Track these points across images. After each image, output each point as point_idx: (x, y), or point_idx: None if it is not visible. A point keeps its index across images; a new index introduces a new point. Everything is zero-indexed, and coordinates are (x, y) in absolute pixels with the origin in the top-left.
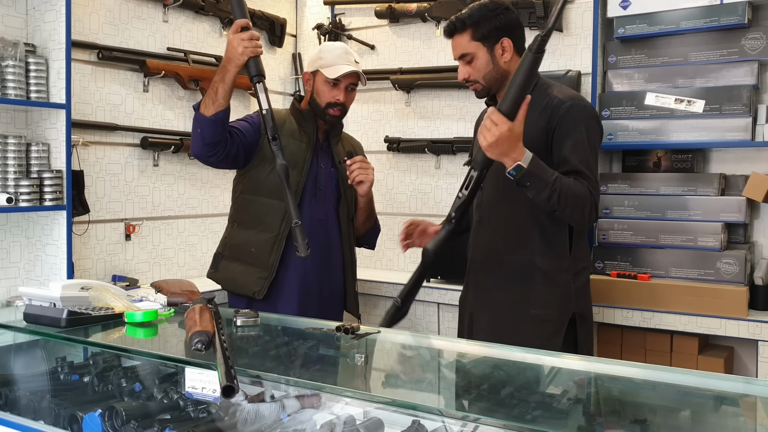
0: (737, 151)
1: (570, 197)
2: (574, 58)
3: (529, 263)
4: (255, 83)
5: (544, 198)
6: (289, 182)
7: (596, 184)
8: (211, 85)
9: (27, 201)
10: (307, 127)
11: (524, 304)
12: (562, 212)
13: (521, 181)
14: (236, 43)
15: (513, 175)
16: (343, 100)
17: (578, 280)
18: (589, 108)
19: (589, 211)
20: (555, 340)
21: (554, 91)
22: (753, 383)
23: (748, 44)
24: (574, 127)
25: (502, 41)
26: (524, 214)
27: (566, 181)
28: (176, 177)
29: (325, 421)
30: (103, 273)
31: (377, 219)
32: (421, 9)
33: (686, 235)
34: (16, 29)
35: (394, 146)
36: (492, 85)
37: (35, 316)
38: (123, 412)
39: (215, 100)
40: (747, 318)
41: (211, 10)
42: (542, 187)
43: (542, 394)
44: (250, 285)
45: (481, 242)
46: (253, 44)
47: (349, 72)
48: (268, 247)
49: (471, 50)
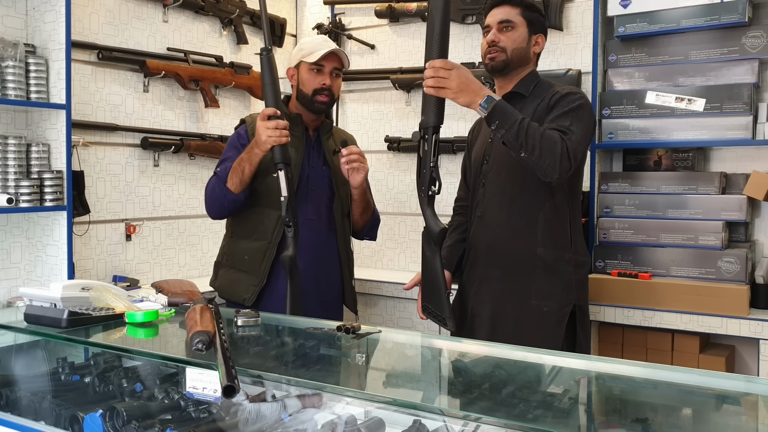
0: (738, 150)
1: (538, 138)
2: (575, 57)
3: (531, 254)
4: (278, 170)
5: (513, 135)
6: (294, 273)
7: (573, 136)
8: (239, 161)
9: (27, 201)
10: (297, 131)
11: (526, 295)
12: (530, 154)
13: (490, 117)
14: (262, 130)
15: (485, 107)
16: (329, 84)
17: (579, 272)
18: (584, 95)
19: (560, 156)
20: (557, 331)
21: (555, 87)
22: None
23: (749, 42)
24: (566, 103)
25: (540, 35)
26: (526, 208)
27: (534, 125)
28: (177, 177)
29: (327, 420)
30: (104, 273)
31: (376, 209)
32: (421, 8)
33: (687, 233)
34: (16, 30)
35: (395, 146)
36: (512, 62)
37: (36, 316)
38: (124, 412)
39: (243, 180)
40: (748, 317)
41: (211, 10)
42: (510, 124)
43: (543, 394)
44: (240, 292)
45: (483, 236)
46: (277, 133)
47: (331, 54)
48: (260, 255)
49: (516, 21)
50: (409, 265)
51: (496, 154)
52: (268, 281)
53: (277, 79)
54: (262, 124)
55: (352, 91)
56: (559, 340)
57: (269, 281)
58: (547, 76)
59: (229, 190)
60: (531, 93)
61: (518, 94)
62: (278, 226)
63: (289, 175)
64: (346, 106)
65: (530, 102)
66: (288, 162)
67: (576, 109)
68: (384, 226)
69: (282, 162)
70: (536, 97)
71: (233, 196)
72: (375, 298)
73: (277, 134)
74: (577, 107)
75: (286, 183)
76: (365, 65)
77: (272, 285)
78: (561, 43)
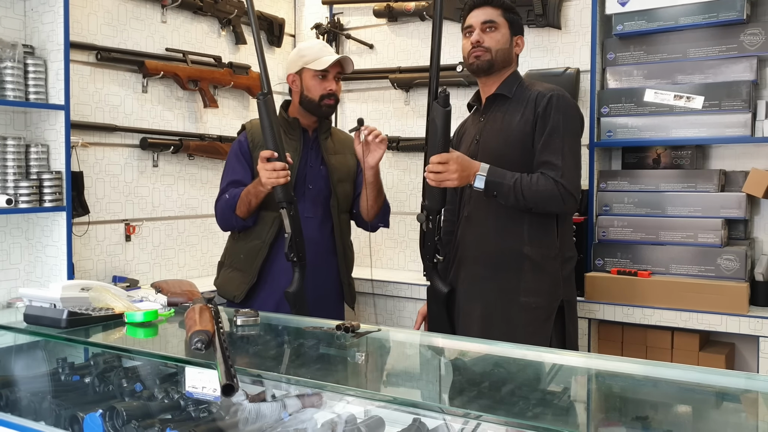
0: (737, 147)
1: (535, 194)
2: (573, 55)
3: (518, 252)
4: (280, 208)
5: (513, 201)
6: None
7: (567, 171)
8: (246, 193)
9: (27, 202)
10: (294, 135)
11: (514, 292)
12: (536, 208)
13: (488, 191)
14: (262, 173)
15: (480, 187)
16: (335, 89)
17: (565, 268)
18: (568, 98)
19: (562, 199)
20: (546, 327)
21: (536, 86)
22: (754, 379)
23: (747, 40)
24: (551, 117)
25: (519, 36)
26: (511, 207)
27: (527, 181)
28: (176, 177)
29: (326, 419)
30: (104, 274)
31: (386, 196)
32: (419, 8)
33: (686, 231)
34: (15, 31)
35: (394, 145)
36: (496, 63)
37: (36, 317)
38: (124, 412)
39: (250, 210)
40: (748, 314)
41: (210, 11)
42: (507, 192)
43: (543, 392)
44: (232, 290)
45: (470, 236)
46: (275, 175)
47: (336, 61)
48: (253, 254)
49: (499, 22)
50: (408, 264)
51: (481, 155)
52: (259, 279)
53: (275, 121)
54: (261, 166)
55: (351, 91)
56: (547, 335)
57: (259, 279)
58: (546, 74)
59: (239, 217)
60: (514, 94)
61: (501, 95)
62: (272, 226)
63: (291, 212)
64: (346, 105)
65: (514, 104)
66: (291, 201)
67: (560, 128)
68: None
69: (284, 201)
70: (519, 98)
71: (242, 222)
72: (374, 298)
73: (275, 176)
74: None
75: (289, 221)
76: (364, 65)
77: (262, 283)
78: (559, 42)
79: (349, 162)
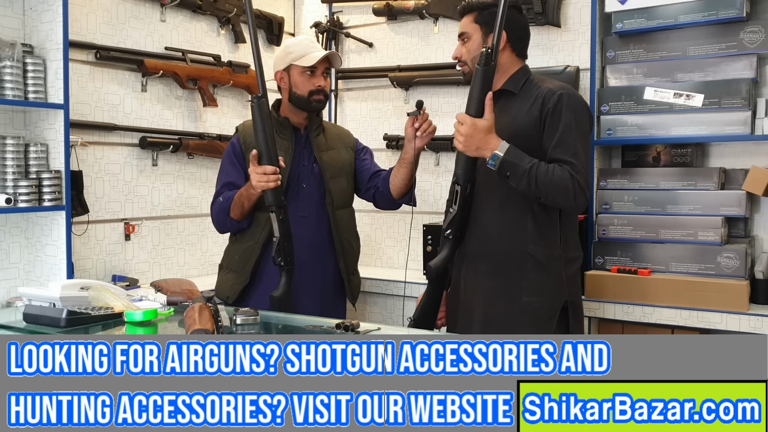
0: (737, 145)
1: (548, 183)
2: (573, 53)
3: (521, 251)
4: (270, 212)
5: (524, 186)
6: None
7: (581, 168)
8: (239, 196)
9: (26, 201)
10: (286, 134)
11: (517, 292)
12: (545, 198)
13: (501, 171)
14: (252, 176)
15: (492, 165)
16: (323, 85)
17: (570, 268)
18: (578, 96)
19: (574, 194)
20: (548, 328)
21: (545, 83)
22: None
23: (747, 38)
24: (562, 115)
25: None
26: (516, 205)
27: (543, 168)
28: (175, 176)
29: None
30: (103, 273)
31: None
32: (419, 6)
33: (686, 229)
34: (13, 30)
35: (394, 144)
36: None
37: (35, 316)
38: None
39: (243, 212)
40: (748, 312)
41: (209, 9)
42: (521, 175)
43: None
44: (226, 291)
45: (473, 235)
46: (265, 179)
47: (324, 56)
48: (247, 255)
49: (469, 30)
50: (409, 263)
51: None
52: (252, 281)
53: (269, 125)
54: (252, 169)
55: (351, 90)
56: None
57: (252, 281)
58: (545, 72)
59: (233, 220)
60: (521, 90)
61: (508, 91)
62: (265, 227)
63: (280, 217)
64: (345, 104)
65: (521, 100)
66: (280, 205)
67: (573, 127)
68: (384, 224)
69: (274, 205)
70: (526, 94)
71: (237, 224)
72: (374, 296)
73: (265, 179)
74: (575, 123)
75: (278, 225)
76: (363, 63)
77: (255, 285)
78: (559, 40)
79: (343, 156)
